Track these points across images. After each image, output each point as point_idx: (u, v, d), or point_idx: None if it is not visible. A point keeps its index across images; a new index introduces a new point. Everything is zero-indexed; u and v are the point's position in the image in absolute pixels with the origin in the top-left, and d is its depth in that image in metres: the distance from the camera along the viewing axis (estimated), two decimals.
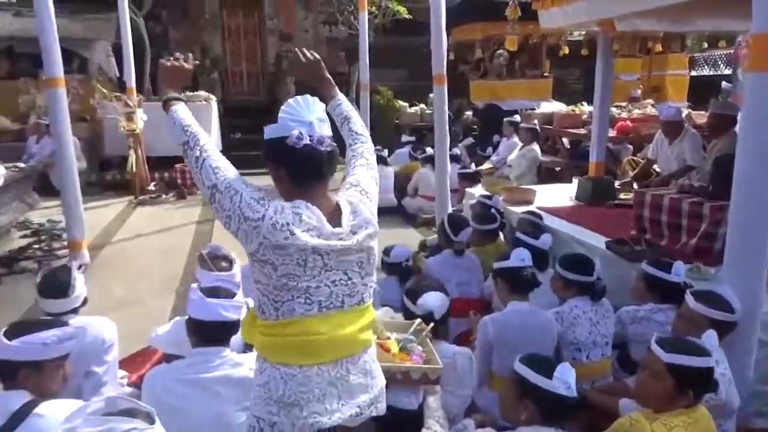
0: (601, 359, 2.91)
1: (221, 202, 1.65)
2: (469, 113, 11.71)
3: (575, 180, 5.75)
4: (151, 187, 8.82)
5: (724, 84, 11.98)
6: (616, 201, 5.20)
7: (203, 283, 2.48)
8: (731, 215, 2.59)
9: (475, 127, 11.23)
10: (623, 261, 3.67)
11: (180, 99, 1.85)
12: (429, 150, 7.47)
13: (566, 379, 1.89)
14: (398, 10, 10.65)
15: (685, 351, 1.95)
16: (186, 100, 1.90)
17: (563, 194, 5.56)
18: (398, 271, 3.97)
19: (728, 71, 12.75)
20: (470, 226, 4.10)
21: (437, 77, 4.95)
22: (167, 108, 1.81)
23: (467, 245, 4.04)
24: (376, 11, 10.48)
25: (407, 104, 11.86)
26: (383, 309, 2.95)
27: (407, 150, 9.01)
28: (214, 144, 1.79)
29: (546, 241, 3.59)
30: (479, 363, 2.74)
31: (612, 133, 7.14)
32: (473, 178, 6.60)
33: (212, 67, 11.54)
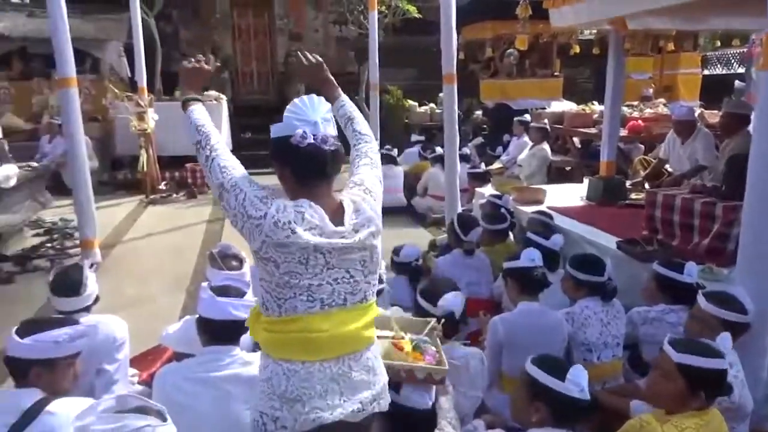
0: (612, 360, 2.89)
1: (228, 201, 1.68)
2: (479, 113, 11.67)
3: (586, 180, 5.72)
4: (162, 187, 8.87)
5: (738, 83, 11.87)
6: (627, 201, 5.17)
7: (213, 282, 2.49)
8: (744, 215, 2.57)
9: (485, 127, 11.20)
10: (634, 261, 3.65)
11: (198, 100, 1.89)
12: (439, 149, 7.46)
13: (579, 382, 1.87)
14: (408, 10, 10.62)
15: (697, 352, 1.94)
16: (204, 101, 1.94)
17: (574, 194, 5.53)
18: (408, 271, 3.97)
19: (742, 70, 12.63)
20: (480, 226, 4.10)
21: (447, 76, 4.94)
22: (185, 108, 1.86)
23: (477, 245, 4.03)
24: (386, 10, 10.46)
25: (417, 104, 11.84)
26: (393, 308, 2.95)
27: (417, 149, 9.01)
28: (225, 144, 1.82)
29: (557, 242, 3.58)
30: (489, 363, 2.73)
31: (623, 133, 7.09)
32: (483, 178, 6.58)
33: (222, 67, 11.58)
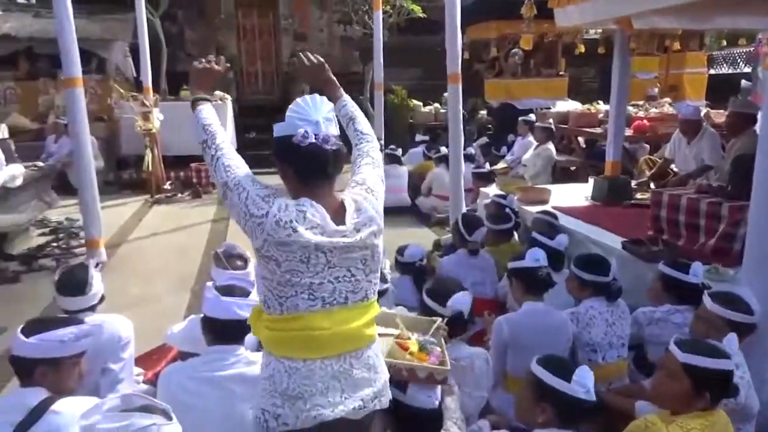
0: (617, 360, 2.88)
1: (231, 199, 1.70)
2: (484, 112, 11.66)
3: (591, 179, 5.71)
4: (167, 186, 8.89)
5: (744, 82, 11.80)
6: (633, 201, 5.15)
7: (218, 282, 2.49)
8: (751, 215, 2.56)
9: (490, 126, 11.18)
10: (639, 261, 3.63)
11: (207, 99, 1.92)
12: (443, 149, 7.45)
13: (585, 383, 1.86)
14: (413, 9, 10.62)
15: (703, 352, 1.92)
16: (213, 101, 1.96)
17: (579, 194, 5.52)
18: (412, 271, 3.97)
19: (748, 69, 12.58)
20: (484, 226, 4.09)
21: (452, 76, 4.94)
22: (194, 107, 1.88)
23: (481, 245, 4.03)
24: (391, 10, 10.46)
25: (421, 103, 11.83)
26: (397, 308, 2.94)
27: (421, 149, 8.98)
28: (230, 143, 1.83)
29: (562, 242, 3.57)
30: (493, 363, 2.72)
31: (628, 132, 7.07)
32: (488, 178, 6.58)
33: (227, 67, 11.61)
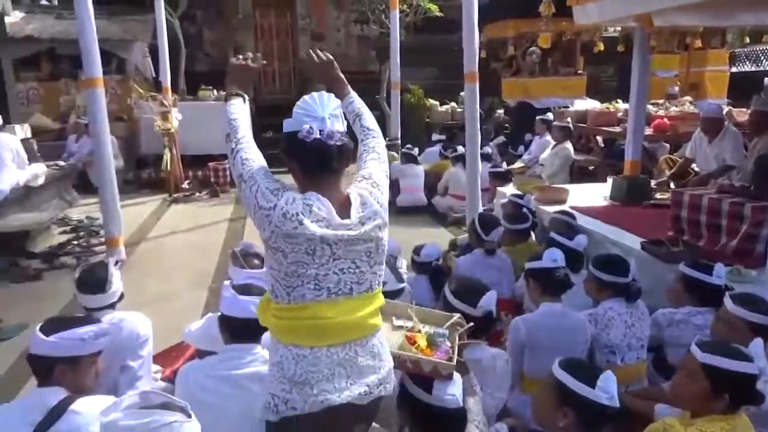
0: (636, 362, 2.85)
1: (244, 191, 1.76)
2: (501, 111, 11.60)
3: (610, 179, 5.64)
4: (185, 185, 8.98)
5: (767, 80, 11.60)
6: (652, 201, 5.09)
7: (235, 280, 2.52)
8: None
9: (507, 126, 11.12)
10: (659, 262, 3.59)
11: (240, 95, 1.99)
12: (460, 148, 7.41)
13: (609, 389, 1.82)
14: (429, 8, 10.59)
15: (723, 353, 1.89)
16: (246, 98, 2.02)
17: (597, 194, 5.46)
18: (428, 271, 3.95)
19: None
20: (501, 226, 4.07)
21: (468, 75, 4.92)
22: (227, 100, 1.95)
23: (498, 245, 4.00)
24: (407, 9, 10.45)
25: (438, 102, 11.81)
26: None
27: (438, 149, 8.98)
28: (251, 137, 1.90)
29: (581, 242, 3.53)
30: (510, 364, 2.70)
31: (648, 131, 6.98)
32: (504, 177, 6.53)
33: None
